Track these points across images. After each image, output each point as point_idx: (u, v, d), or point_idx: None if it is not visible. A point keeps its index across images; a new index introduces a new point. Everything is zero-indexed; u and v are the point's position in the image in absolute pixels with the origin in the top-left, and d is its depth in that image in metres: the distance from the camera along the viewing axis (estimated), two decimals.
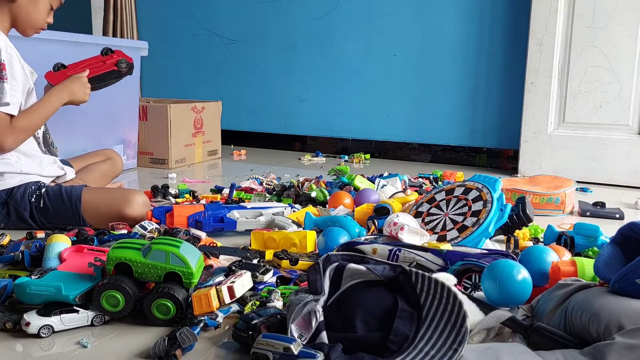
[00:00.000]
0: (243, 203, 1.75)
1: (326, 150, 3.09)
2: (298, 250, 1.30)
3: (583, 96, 2.34)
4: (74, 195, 1.49)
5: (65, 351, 0.86)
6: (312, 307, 0.80)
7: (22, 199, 1.48)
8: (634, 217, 1.76)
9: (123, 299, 0.92)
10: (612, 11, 2.24)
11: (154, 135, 2.45)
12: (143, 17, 3.38)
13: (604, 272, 0.86)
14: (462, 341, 0.76)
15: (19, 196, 1.48)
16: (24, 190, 1.49)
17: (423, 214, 1.39)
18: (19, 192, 1.49)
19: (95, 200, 1.50)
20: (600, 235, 1.26)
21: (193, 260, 0.95)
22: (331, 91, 3.01)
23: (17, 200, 1.48)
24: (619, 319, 0.74)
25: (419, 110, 2.83)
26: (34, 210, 1.48)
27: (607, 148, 2.32)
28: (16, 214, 1.48)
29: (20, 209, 1.48)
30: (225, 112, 2.89)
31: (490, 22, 2.62)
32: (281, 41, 3.08)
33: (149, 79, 3.41)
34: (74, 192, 1.50)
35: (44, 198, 1.48)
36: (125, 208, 1.48)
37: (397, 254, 1.10)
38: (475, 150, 3.20)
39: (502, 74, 2.62)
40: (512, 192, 1.76)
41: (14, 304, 0.97)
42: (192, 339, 0.83)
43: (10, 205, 1.48)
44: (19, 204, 1.48)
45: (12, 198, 1.48)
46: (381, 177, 1.94)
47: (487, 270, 0.97)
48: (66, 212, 1.48)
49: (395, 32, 2.81)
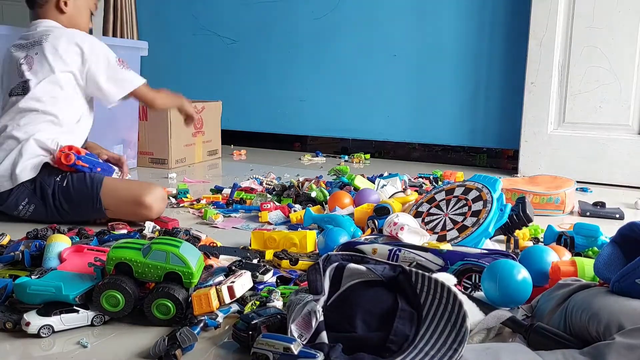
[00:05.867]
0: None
1: (326, 150, 3.09)
2: (298, 250, 1.30)
3: (583, 96, 2.34)
4: (96, 178, 1.55)
5: (65, 351, 0.86)
6: (312, 307, 0.80)
7: (49, 176, 1.53)
8: (634, 217, 1.76)
9: (123, 299, 0.92)
10: (612, 11, 2.24)
11: (154, 135, 2.45)
12: (143, 17, 3.38)
13: (604, 272, 0.86)
14: (462, 341, 0.76)
15: (46, 173, 1.54)
16: (52, 169, 1.55)
17: (423, 214, 1.39)
18: (48, 170, 1.54)
19: (116, 186, 1.57)
20: (600, 235, 1.26)
21: (193, 260, 0.95)
22: (331, 91, 3.00)
23: (45, 176, 1.53)
24: (619, 319, 0.74)
25: (419, 110, 2.83)
26: (56, 189, 1.53)
27: (607, 148, 2.32)
28: (41, 190, 1.53)
29: (45, 185, 1.53)
30: (225, 112, 2.89)
31: (490, 22, 2.62)
32: (281, 41, 3.08)
33: (149, 79, 3.36)
34: (97, 176, 1.56)
35: (68, 178, 1.54)
36: (145, 196, 1.52)
37: (397, 254, 1.10)
38: (475, 150, 3.20)
39: (502, 74, 2.62)
40: (512, 192, 1.76)
41: (14, 304, 0.97)
42: (192, 339, 0.83)
43: (37, 182, 1.53)
44: (45, 181, 1.53)
45: (41, 174, 1.53)
46: (381, 177, 1.94)
47: (487, 270, 0.97)
48: (86, 193, 1.52)
49: (395, 32, 2.81)
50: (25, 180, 1.52)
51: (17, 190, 1.53)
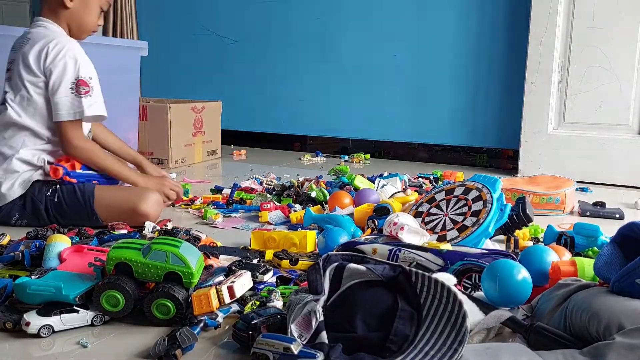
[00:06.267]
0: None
1: (326, 150, 3.09)
2: (298, 250, 1.30)
3: (583, 96, 2.34)
4: (86, 191, 1.51)
5: (65, 351, 0.86)
6: (312, 307, 0.80)
7: (40, 192, 1.50)
8: (634, 217, 1.76)
9: (123, 299, 0.92)
10: (612, 11, 2.24)
11: (154, 135, 2.45)
12: (143, 17, 3.38)
13: (604, 272, 0.86)
14: (462, 341, 0.76)
15: (37, 189, 1.50)
16: (42, 184, 1.51)
17: (423, 214, 1.39)
18: (38, 185, 1.51)
19: (109, 196, 1.52)
20: (600, 235, 1.26)
21: (193, 260, 0.95)
22: (331, 91, 3.00)
23: (35, 192, 1.50)
24: (619, 319, 0.74)
25: (419, 110, 2.83)
26: (49, 204, 1.50)
27: (607, 148, 2.32)
28: (32, 206, 1.50)
29: (36, 201, 1.50)
30: (225, 112, 2.89)
31: (490, 22, 2.62)
32: (281, 41, 3.08)
33: (149, 79, 3.41)
34: (87, 188, 1.51)
35: (59, 192, 1.50)
36: (140, 204, 1.49)
37: (397, 254, 1.10)
38: (475, 150, 3.20)
39: (502, 74, 2.62)
40: (512, 192, 1.76)
41: (14, 304, 0.97)
42: (192, 339, 0.83)
43: (27, 197, 1.50)
44: (36, 196, 1.49)
45: (31, 190, 1.50)
46: (381, 177, 1.93)
47: (487, 270, 0.97)
48: (79, 207, 1.50)
49: (395, 32, 2.81)
50: (13, 198, 1.48)
51: (6, 207, 1.49)
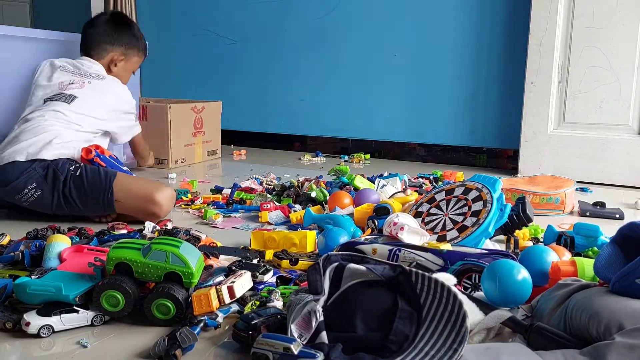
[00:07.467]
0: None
1: (326, 150, 3.09)
2: (298, 250, 1.30)
3: (583, 96, 2.34)
4: (109, 172, 1.59)
5: (65, 351, 0.86)
6: (312, 307, 0.80)
7: (63, 165, 1.57)
8: (634, 217, 1.76)
9: (123, 299, 0.92)
10: (612, 11, 2.24)
11: (154, 135, 2.44)
12: (143, 17, 3.38)
13: (604, 272, 0.86)
14: (462, 341, 0.76)
15: (61, 162, 1.57)
16: (67, 160, 1.59)
17: (423, 214, 1.39)
18: (62, 159, 1.58)
19: (129, 181, 1.61)
20: (600, 235, 1.26)
21: (193, 260, 0.95)
22: (331, 91, 3.00)
23: (58, 165, 1.56)
24: (619, 319, 0.74)
25: (419, 110, 2.83)
26: (69, 177, 1.55)
27: (607, 148, 2.32)
28: (53, 176, 1.55)
29: (57, 172, 1.54)
30: (225, 112, 2.89)
31: (490, 22, 2.62)
32: (281, 41, 3.08)
33: (149, 79, 3.41)
34: (111, 171, 1.61)
35: (82, 169, 1.57)
36: (156, 194, 1.56)
37: (397, 254, 1.10)
38: (475, 150, 3.20)
39: (502, 74, 2.62)
40: (512, 192, 1.76)
41: (14, 304, 0.97)
42: (192, 339, 0.83)
43: (50, 168, 1.55)
44: (59, 168, 1.55)
45: (55, 162, 1.56)
46: (381, 177, 1.93)
47: (487, 270, 0.97)
48: (98, 184, 1.55)
49: (396, 32, 2.81)
50: (39, 157, 1.55)
51: (27, 172, 1.54)
